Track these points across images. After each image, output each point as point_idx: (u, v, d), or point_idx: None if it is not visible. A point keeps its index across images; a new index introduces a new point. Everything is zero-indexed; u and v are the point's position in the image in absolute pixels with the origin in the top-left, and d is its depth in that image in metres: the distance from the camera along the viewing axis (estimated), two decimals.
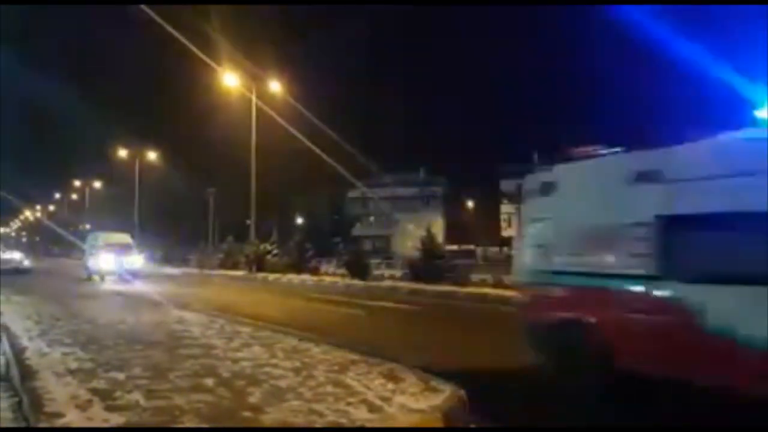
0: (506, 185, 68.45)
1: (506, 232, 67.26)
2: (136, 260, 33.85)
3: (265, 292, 25.45)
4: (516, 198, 57.18)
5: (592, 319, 6.66)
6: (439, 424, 5.05)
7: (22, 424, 5.44)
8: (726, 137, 5.96)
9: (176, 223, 67.08)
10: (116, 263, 31.11)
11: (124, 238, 35.58)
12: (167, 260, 52.55)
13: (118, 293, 20.19)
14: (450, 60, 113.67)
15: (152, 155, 56.77)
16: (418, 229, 33.94)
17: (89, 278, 30.73)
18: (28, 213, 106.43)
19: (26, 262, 44.39)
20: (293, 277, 33.14)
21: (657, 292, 6.16)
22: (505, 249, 63.91)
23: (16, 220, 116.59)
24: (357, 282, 29.19)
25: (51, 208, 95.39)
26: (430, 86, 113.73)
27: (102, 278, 30.01)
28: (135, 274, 30.11)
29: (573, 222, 7.08)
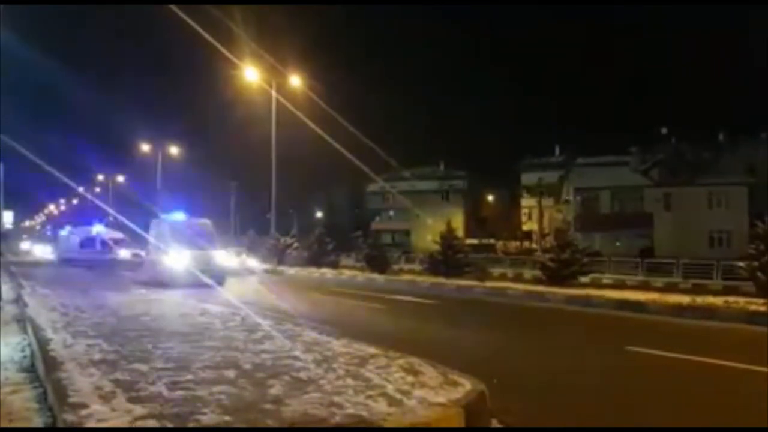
0: (527, 178, 68.01)
1: (526, 226, 66.81)
2: (223, 257, 24.70)
3: (285, 285, 25.57)
4: (536, 191, 56.88)
5: None
6: (459, 418, 5.02)
7: (47, 414, 5.53)
8: None
9: (198, 215, 67.50)
10: (196, 263, 21.99)
11: (202, 224, 25.57)
12: None
13: (143, 284, 20.39)
14: (470, 54, 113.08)
15: (174, 150, 57.24)
16: (437, 223, 33.84)
17: (159, 283, 20.79)
18: (52, 207, 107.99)
19: (142, 253, 34.79)
20: (313, 271, 33.27)
21: None
22: (526, 243, 63.59)
23: (41, 214, 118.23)
24: (376, 276, 29.25)
25: (75, 201, 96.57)
26: (450, 80, 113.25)
27: (174, 283, 20.70)
28: (219, 279, 21.58)
29: None
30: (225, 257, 25.06)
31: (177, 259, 22.31)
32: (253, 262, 34.50)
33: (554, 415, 6.40)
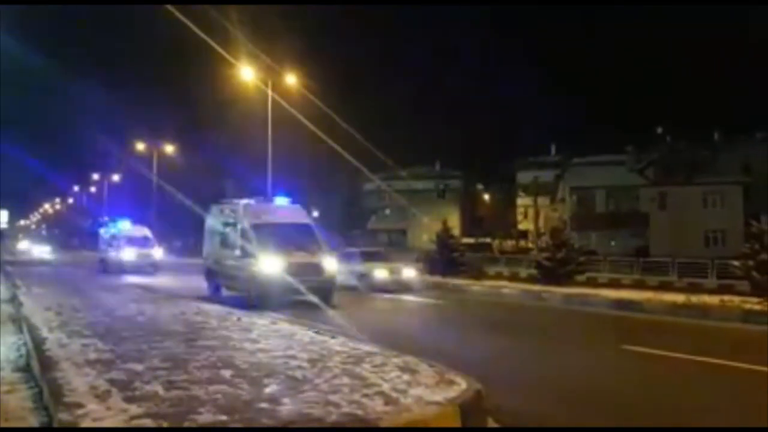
0: (523, 177, 68.04)
1: (523, 225, 66.84)
2: (333, 264, 16.89)
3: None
4: (532, 190, 56.91)
5: None
6: (455, 417, 5.03)
7: (43, 414, 5.51)
8: None
9: (194, 215, 67.19)
10: (295, 271, 15.43)
11: (296, 210, 18.65)
12: (186, 251, 52.76)
13: (137, 285, 20.35)
14: (467, 53, 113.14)
15: (169, 148, 57.08)
16: (433, 222, 33.80)
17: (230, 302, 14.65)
18: (47, 206, 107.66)
19: (156, 255, 30.36)
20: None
21: None
22: (522, 242, 63.62)
23: (36, 213, 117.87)
24: None
25: (70, 200, 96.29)
26: (446, 79, 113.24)
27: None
28: (326, 295, 15.51)
29: None
30: (334, 264, 16.92)
31: (269, 264, 15.47)
32: (410, 272, 22.51)
33: (549, 413, 6.41)
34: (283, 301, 15.06)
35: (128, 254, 29.68)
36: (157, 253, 30.98)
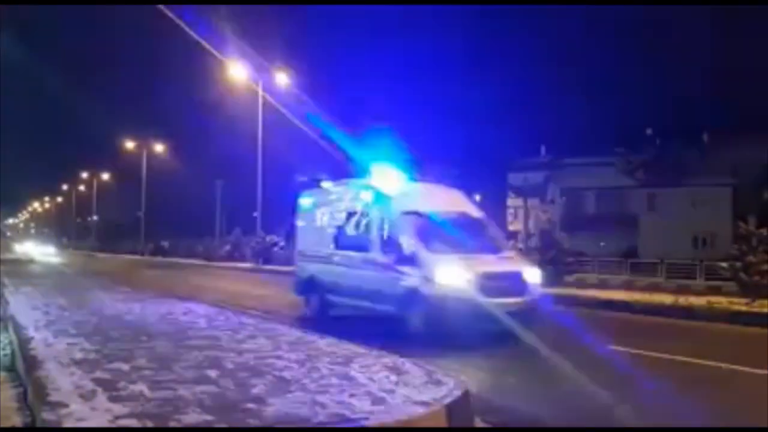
0: (513, 178, 68.18)
1: (513, 226, 67.01)
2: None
3: (271, 284, 25.44)
4: (523, 191, 57.09)
5: None
6: (443, 417, 5.03)
7: (26, 413, 5.47)
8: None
9: (183, 215, 67.03)
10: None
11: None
12: (174, 251, 52.65)
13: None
14: (459, 53, 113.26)
15: (159, 147, 56.92)
16: None
17: None
18: (36, 204, 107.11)
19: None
20: None
21: None
22: (512, 242, 63.72)
23: (25, 212, 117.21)
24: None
25: (59, 199, 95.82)
26: (437, 78, 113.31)
27: None
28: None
29: None
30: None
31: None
32: None
33: (539, 413, 6.42)
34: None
35: (453, 277, 10.85)
36: (531, 274, 12.03)
